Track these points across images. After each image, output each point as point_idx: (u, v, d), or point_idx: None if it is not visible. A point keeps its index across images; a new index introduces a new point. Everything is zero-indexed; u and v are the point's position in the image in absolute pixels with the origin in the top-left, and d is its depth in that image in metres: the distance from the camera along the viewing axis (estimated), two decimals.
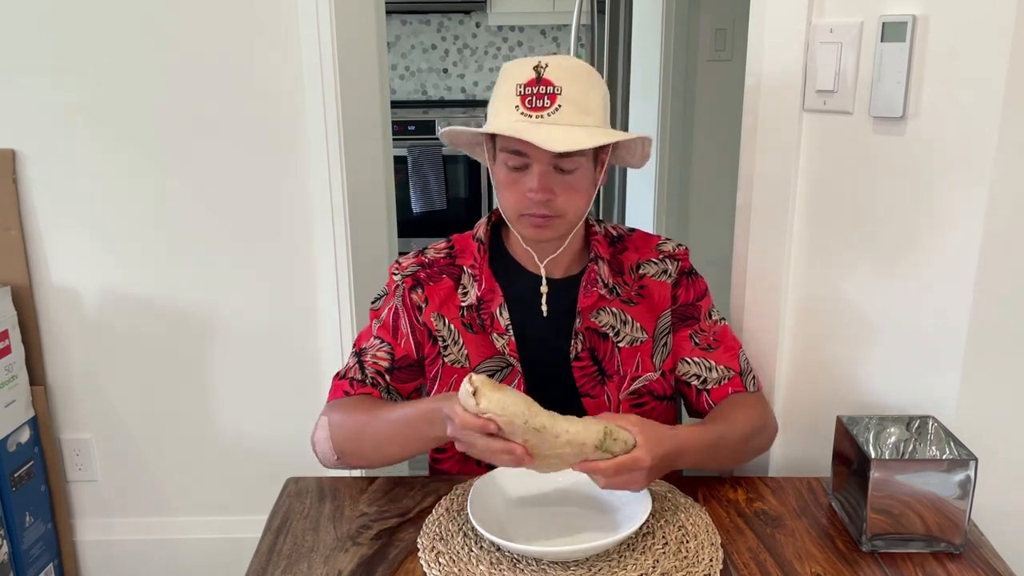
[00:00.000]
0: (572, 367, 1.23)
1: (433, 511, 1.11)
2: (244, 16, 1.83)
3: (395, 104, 3.19)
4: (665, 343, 1.27)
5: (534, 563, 1.00)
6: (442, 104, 4.57)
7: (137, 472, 2.10)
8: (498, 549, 1.03)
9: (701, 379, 1.26)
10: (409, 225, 4.26)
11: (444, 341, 1.24)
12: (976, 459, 1.00)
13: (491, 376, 1.20)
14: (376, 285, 1.38)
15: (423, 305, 1.25)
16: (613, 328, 1.24)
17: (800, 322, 1.40)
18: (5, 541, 1.89)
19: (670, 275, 1.28)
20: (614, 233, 1.31)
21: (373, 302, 1.30)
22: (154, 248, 1.96)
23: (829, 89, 1.27)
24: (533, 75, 1.12)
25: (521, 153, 1.13)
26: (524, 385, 1.22)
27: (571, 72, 1.12)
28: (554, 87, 1.11)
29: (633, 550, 1.02)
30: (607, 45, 2.63)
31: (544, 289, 1.23)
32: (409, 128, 4.20)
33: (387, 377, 1.24)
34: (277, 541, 1.07)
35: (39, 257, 1.97)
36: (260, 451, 2.08)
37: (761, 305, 1.43)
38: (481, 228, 1.27)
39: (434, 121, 4.22)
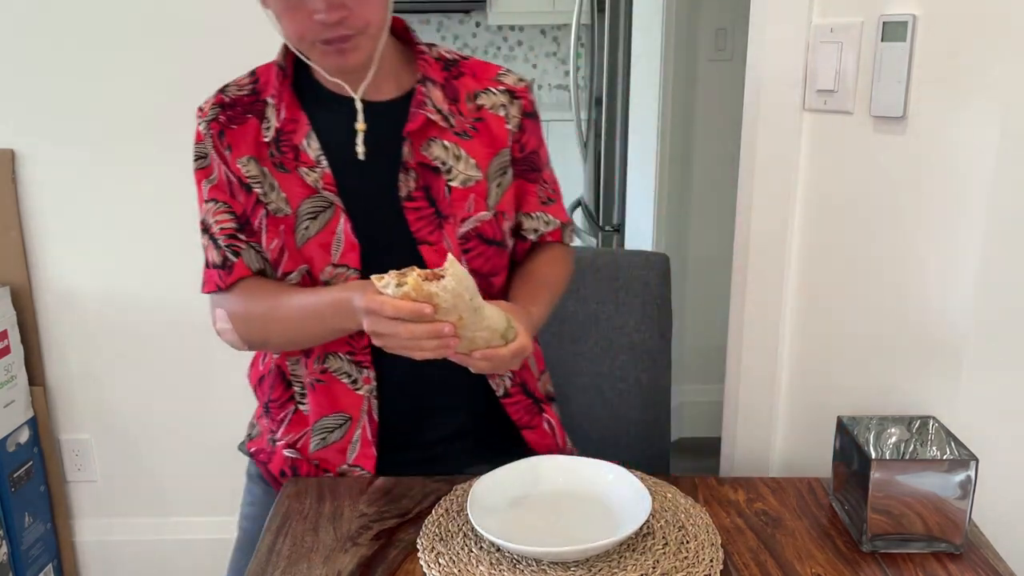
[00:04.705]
0: (404, 208, 1.12)
1: (433, 511, 1.11)
2: (244, 17, 1.82)
3: None
4: (499, 183, 1.17)
5: (534, 563, 1.00)
6: None
7: (137, 472, 2.10)
8: (498, 549, 1.03)
9: (538, 233, 1.23)
10: None
11: (261, 187, 1.11)
12: (977, 459, 1.00)
13: (312, 218, 1.11)
14: None
15: (227, 153, 1.11)
16: (444, 164, 1.12)
17: (800, 322, 1.40)
18: (4, 542, 1.88)
19: (510, 114, 1.17)
20: (448, 56, 1.18)
21: (196, 161, 1.15)
22: (154, 248, 1.96)
23: (829, 89, 1.27)
24: None
25: None
26: (349, 226, 1.10)
27: None
28: None
29: (633, 550, 1.02)
30: (607, 45, 2.62)
31: (361, 127, 1.09)
32: None
33: (241, 236, 1.13)
34: (276, 541, 1.07)
35: (39, 257, 1.97)
36: None
37: (761, 305, 1.43)
38: (280, 52, 1.13)
39: None
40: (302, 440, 1.22)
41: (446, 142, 1.13)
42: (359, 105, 1.09)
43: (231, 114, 1.12)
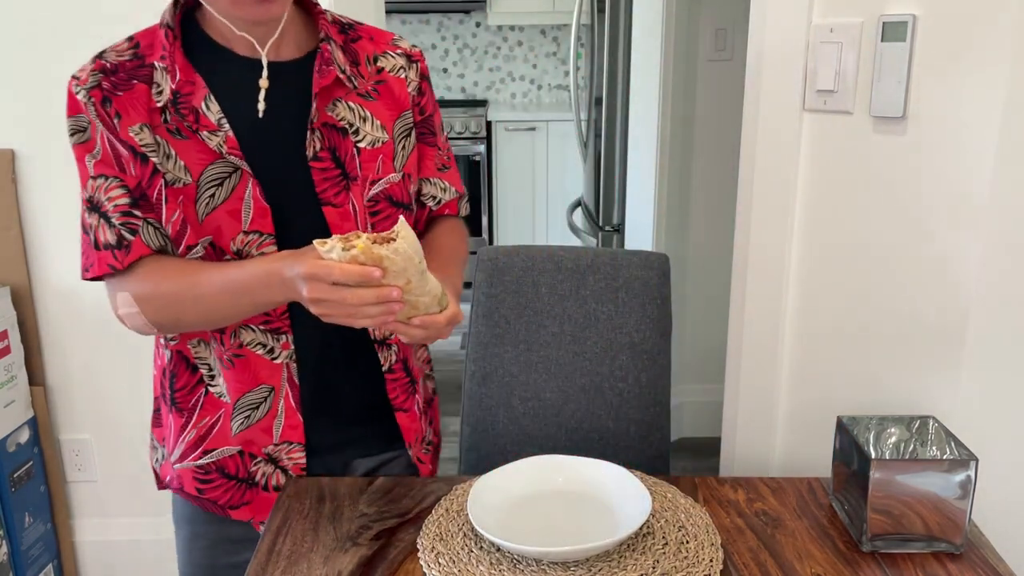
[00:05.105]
0: (311, 169, 1.10)
1: (433, 511, 1.11)
2: None
3: None
4: (404, 145, 1.17)
5: (534, 563, 1.00)
6: (442, 104, 4.58)
7: (136, 472, 2.10)
8: (498, 550, 1.03)
9: (437, 200, 1.23)
10: None
11: (156, 156, 1.05)
12: (976, 459, 1.00)
13: (218, 186, 1.06)
14: None
15: (116, 121, 1.05)
16: (351, 125, 1.11)
17: (800, 322, 1.40)
18: (5, 541, 1.88)
19: (409, 77, 1.18)
20: (343, 20, 1.18)
21: (73, 135, 1.07)
22: None
23: (829, 89, 1.27)
24: None
25: None
26: (259, 190, 1.07)
27: None
28: None
29: (633, 550, 1.02)
30: (607, 45, 2.62)
31: (264, 83, 1.07)
32: None
33: (137, 212, 1.06)
34: (276, 541, 1.07)
35: (39, 257, 1.97)
36: None
37: (762, 305, 1.43)
38: (167, 12, 1.08)
39: None
40: (220, 424, 1.16)
41: (351, 103, 1.12)
42: (264, 62, 1.07)
43: (115, 80, 1.05)
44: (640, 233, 2.71)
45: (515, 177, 4.40)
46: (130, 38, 1.09)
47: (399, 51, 1.19)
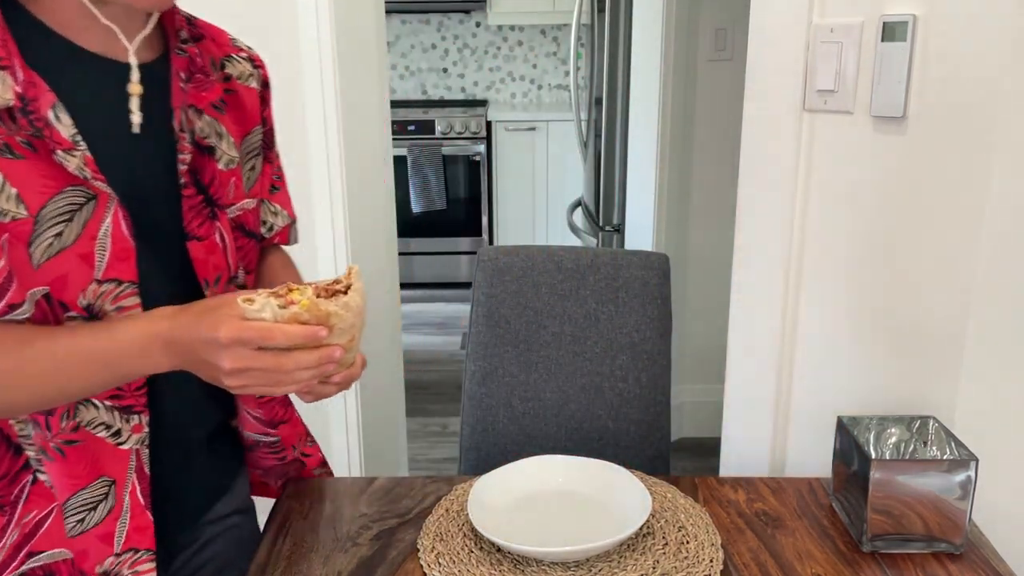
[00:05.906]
0: (181, 196, 0.90)
1: (433, 511, 1.11)
2: (243, 16, 1.82)
3: (395, 104, 3.19)
4: (253, 167, 1.01)
5: (535, 563, 1.00)
6: (442, 104, 4.58)
7: None
8: (498, 550, 1.03)
9: (269, 227, 1.07)
10: (409, 225, 4.26)
11: None
12: (977, 459, 1.00)
13: (67, 221, 0.81)
14: (376, 287, 1.37)
15: None
16: (210, 142, 0.94)
17: (801, 322, 1.40)
18: None
19: (255, 85, 1.02)
20: (184, 13, 0.97)
21: None
22: None
23: (829, 89, 1.27)
24: None
25: None
26: (124, 225, 0.84)
27: None
28: None
29: (633, 550, 1.02)
30: (607, 45, 2.62)
31: (137, 88, 0.85)
32: (409, 128, 4.20)
33: None
34: (276, 542, 1.07)
35: None
36: None
37: (762, 305, 1.43)
38: None
39: (434, 121, 4.23)
40: (51, 519, 0.88)
41: (207, 117, 0.93)
42: (133, 61, 0.85)
43: None
44: (640, 233, 2.71)
45: (515, 177, 4.40)
46: None
47: (243, 55, 1.02)
